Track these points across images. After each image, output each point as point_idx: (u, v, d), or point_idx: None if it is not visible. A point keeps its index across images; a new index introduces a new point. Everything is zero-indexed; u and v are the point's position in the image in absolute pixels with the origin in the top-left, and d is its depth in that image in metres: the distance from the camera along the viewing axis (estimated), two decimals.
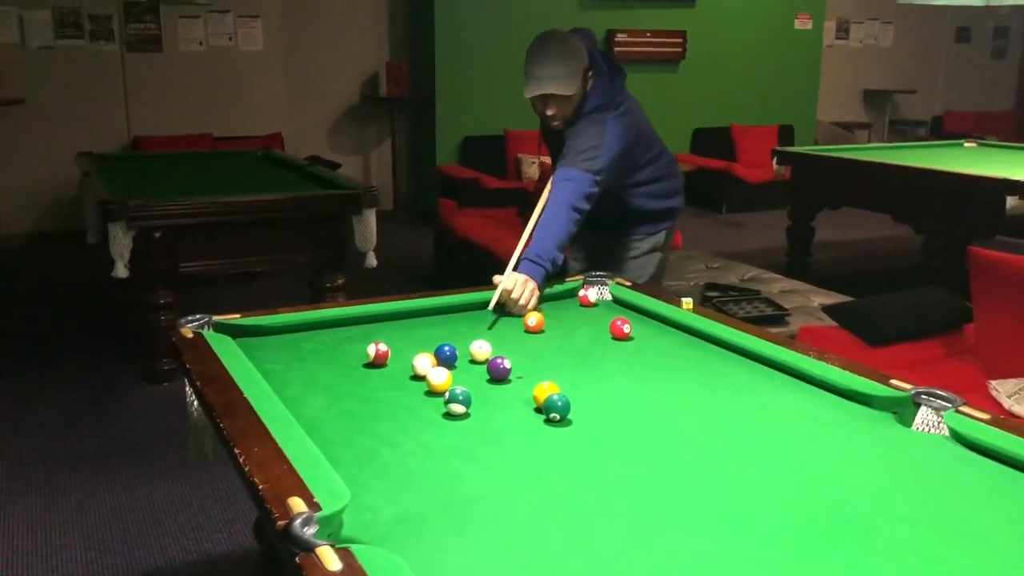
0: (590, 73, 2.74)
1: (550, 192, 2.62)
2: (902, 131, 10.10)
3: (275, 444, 1.36)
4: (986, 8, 7.23)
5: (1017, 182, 4.21)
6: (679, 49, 8.26)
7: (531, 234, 2.52)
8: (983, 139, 6.80)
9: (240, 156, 5.61)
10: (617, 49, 7.97)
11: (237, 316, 2.01)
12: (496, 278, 2.28)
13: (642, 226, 3.02)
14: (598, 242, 3.05)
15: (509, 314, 2.22)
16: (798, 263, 5.50)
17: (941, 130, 9.84)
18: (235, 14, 7.29)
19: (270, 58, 7.50)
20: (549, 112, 2.73)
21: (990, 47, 10.90)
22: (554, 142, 2.91)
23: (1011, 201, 4.21)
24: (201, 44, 7.27)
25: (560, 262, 2.45)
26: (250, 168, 5.12)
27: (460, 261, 5.64)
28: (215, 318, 1.97)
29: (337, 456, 1.40)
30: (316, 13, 7.55)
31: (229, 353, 1.78)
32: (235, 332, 1.96)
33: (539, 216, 2.56)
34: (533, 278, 2.29)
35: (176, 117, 7.18)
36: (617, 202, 2.91)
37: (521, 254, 2.41)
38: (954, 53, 10.63)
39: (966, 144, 6.16)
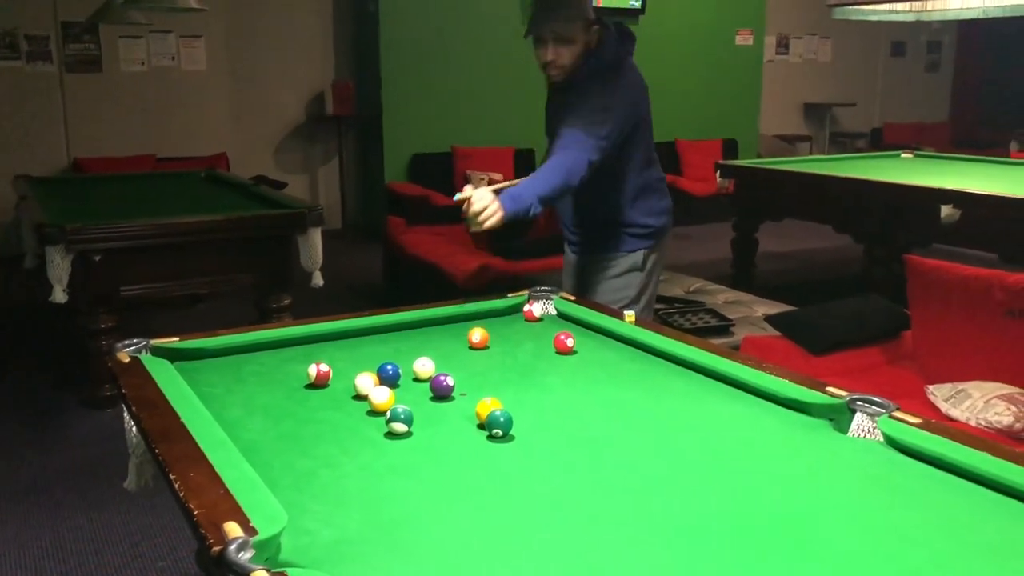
0: (595, 28, 2.68)
1: (552, 153, 2.60)
2: (842, 143, 10.32)
3: (211, 469, 1.34)
4: (918, 23, 7.43)
5: (950, 191, 4.33)
6: None
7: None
8: (920, 150, 6.98)
9: (183, 177, 5.54)
10: None
11: (175, 339, 1.98)
12: (468, 187, 2.34)
13: (621, 241, 2.90)
14: (579, 262, 3.01)
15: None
16: (743, 274, 5.58)
17: (880, 141, 10.08)
18: (178, 34, 7.21)
19: (214, 77, 7.43)
20: (549, 57, 2.66)
21: (924, 61, 11.22)
22: (554, 116, 2.80)
23: (945, 210, 4.32)
24: (143, 64, 7.18)
25: (534, 213, 2.43)
26: (193, 189, 5.06)
27: (410, 279, 5.63)
28: (153, 342, 1.94)
29: (276, 479, 1.38)
30: (260, 32, 7.51)
31: (167, 377, 1.76)
32: (173, 356, 1.93)
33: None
34: (504, 207, 2.31)
35: (118, 138, 7.06)
36: (602, 204, 2.85)
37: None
38: (890, 67, 10.92)
39: (903, 155, 6.32)
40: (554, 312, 2.39)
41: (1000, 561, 1.19)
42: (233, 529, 1.13)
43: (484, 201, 2.30)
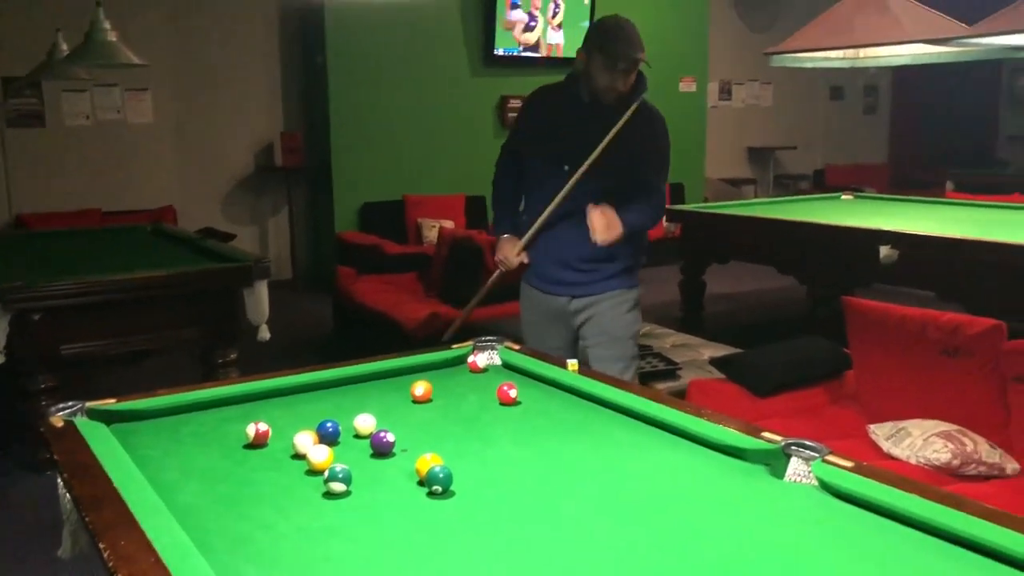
0: None
1: (640, 193, 2.93)
2: (786, 185, 10.56)
3: (143, 536, 1.31)
4: (854, 69, 7.67)
5: (888, 232, 4.45)
6: None
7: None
8: (860, 191, 7.17)
9: (130, 231, 5.48)
10: (511, 114, 8.14)
11: (112, 401, 1.95)
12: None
13: (632, 275, 3.05)
14: (578, 304, 3.02)
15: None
16: (691, 317, 5.65)
17: (823, 183, 10.33)
18: (123, 87, 7.18)
19: (161, 130, 7.40)
20: (619, 85, 2.86)
21: (862, 104, 11.56)
22: (584, 131, 2.90)
23: (884, 250, 4.44)
24: (88, 118, 7.13)
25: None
26: (139, 243, 5.01)
27: (360, 328, 5.60)
28: (88, 404, 1.90)
29: (210, 543, 1.36)
30: (207, 84, 7.50)
31: (101, 441, 1.73)
32: (110, 418, 1.89)
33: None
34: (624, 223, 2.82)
35: (62, 193, 6.98)
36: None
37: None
38: (830, 110, 11.23)
39: (843, 197, 6.48)
40: (499, 362, 2.40)
41: None
42: None
43: (605, 219, 2.78)
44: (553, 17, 8.19)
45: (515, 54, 8.08)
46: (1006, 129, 12.22)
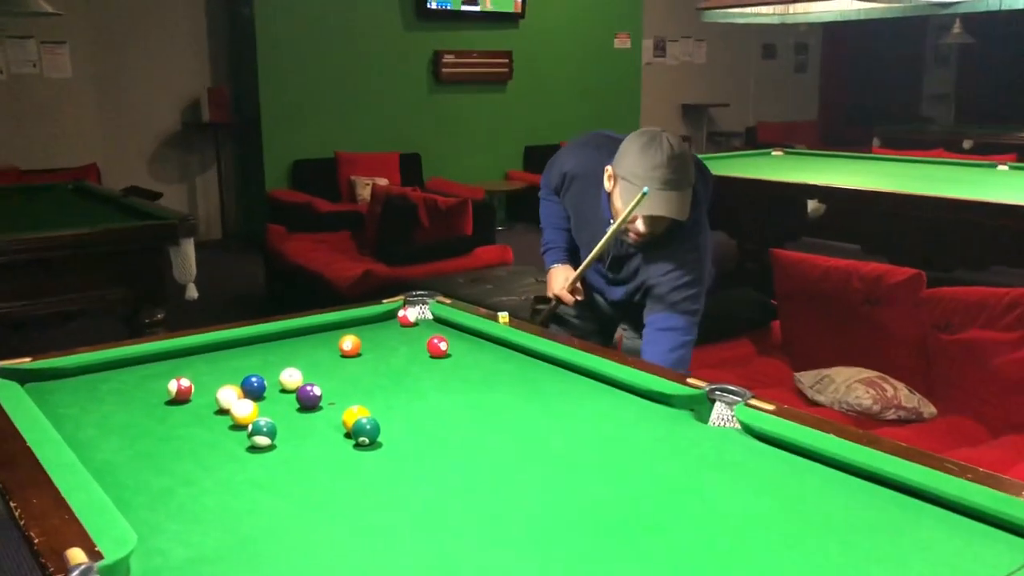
0: None
1: (646, 342, 2.31)
2: (719, 142, 10.66)
3: (57, 493, 1.28)
4: (785, 25, 7.74)
5: (815, 187, 4.53)
6: (506, 69, 8.42)
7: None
8: (790, 148, 7.27)
9: (50, 190, 5.28)
10: (445, 70, 8.04)
11: (27, 360, 1.89)
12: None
13: None
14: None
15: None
16: None
17: (755, 140, 10.45)
18: (38, 40, 6.88)
19: (81, 85, 7.13)
20: (644, 231, 2.21)
21: (793, 62, 11.69)
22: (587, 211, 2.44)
23: (811, 204, 4.53)
24: (1, 72, 6.82)
25: None
26: (60, 202, 4.83)
27: (292, 288, 5.52)
28: (1, 364, 1.84)
29: (129, 500, 1.33)
30: (130, 38, 7.23)
31: (14, 400, 1.67)
32: (25, 377, 1.83)
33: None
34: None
35: None
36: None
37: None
38: (762, 68, 11.34)
39: (774, 153, 6.56)
40: (430, 317, 2.39)
41: (843, 536, 1.25)
42: (76, 555, 1.08)
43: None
44: None
45: (449, 8, 7.96)
46: (930, 87, 12.52)
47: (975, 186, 4.40)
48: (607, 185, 2.27)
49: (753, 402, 1.61)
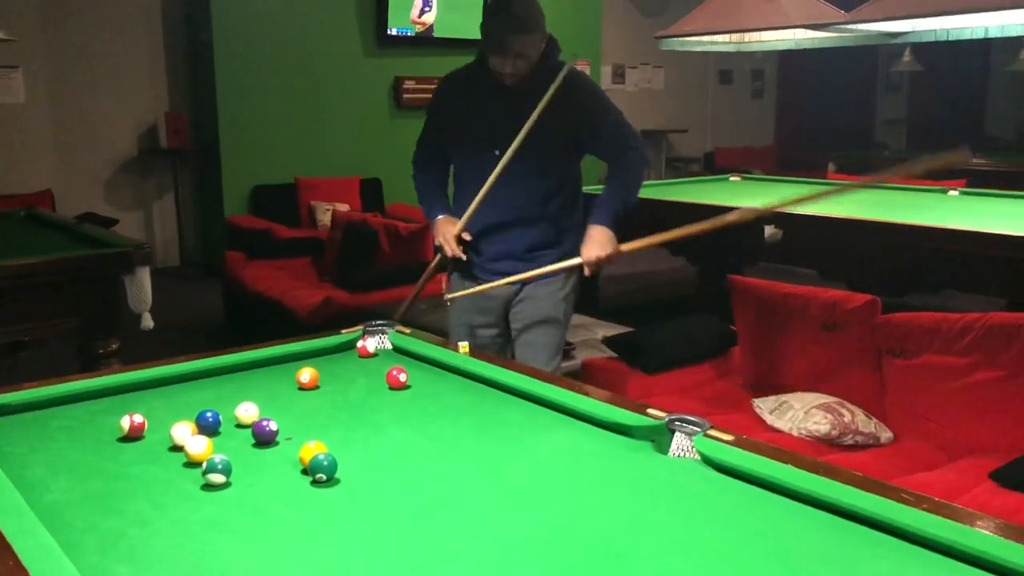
0: (545, 36, 2.74)
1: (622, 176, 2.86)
2: (678, 168, 10.78)
3: (2, 538, 1.24)
4: (741, 53, 7.88)
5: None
6: None
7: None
8: (748, 173, 7.37)
9: (0, 217, 5.18)
10: (406, 96, 8.06)
11: None
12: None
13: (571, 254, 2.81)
14: (520, 292, 2.87)
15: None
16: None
17: (713, 165, 10.59)
18: None
19: (34, 110, 7.03)
20: (509, 69, 2.65)
21: (750, 88, 11.90)
22: (505, 115, 2.72)
23: (769, 230, 4.58)
24: None
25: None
26: (10, 229, 4.74)
27: (252, 316, 5.46)
28: None
29: (77, 543, 1.29)
30: (85, 62, 7.15)
31: None
32: None
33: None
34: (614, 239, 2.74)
35: None
36: (566, 217, 2.87)
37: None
38: (719, 94, 11.52)
39: (731, 178, 6.65)
40: (390, 347, 2.37)
41: (801, 567, 1.25)
42: None
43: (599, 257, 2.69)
44: None
45: (409, 34, 7.98)
46: (882, 113, 12.79)
47: (928, 211, 4.49)
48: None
49: (712, 432, 1.61)
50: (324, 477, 1.51)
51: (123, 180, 7.52)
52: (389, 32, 7.82)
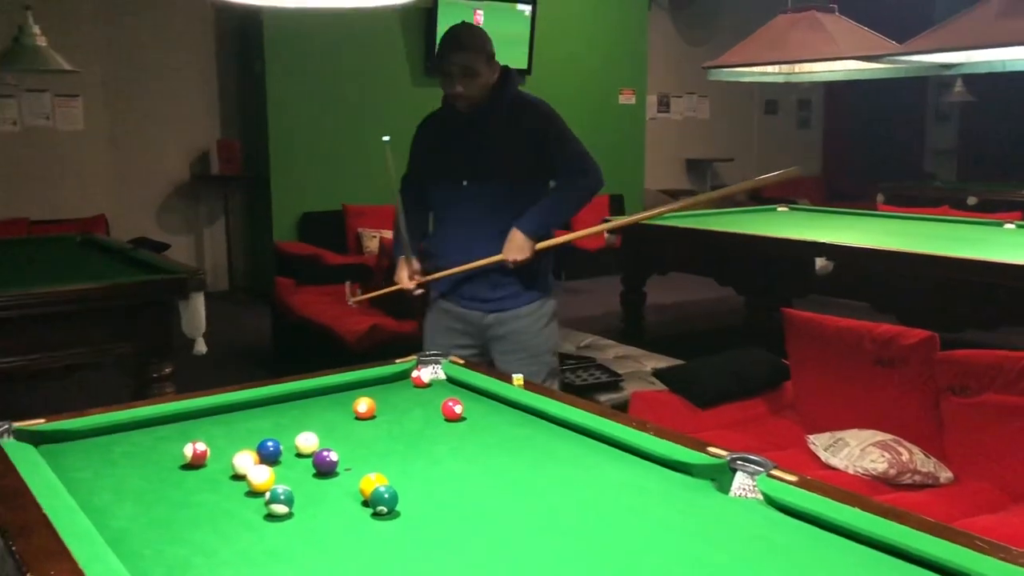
0: (495, 63, 2.90)
1: (561, 191, 2.97)
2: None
3: (75, 565, 1.26)
4: (788, 84, 7.84)
5: (823, 244, 4.53)
6: None
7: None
8: (795, 203, 7.31)
9: (58, 242, 5.30)
10: None
11: (41, 421, 1.88)
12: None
13: (547, 281, 3.05)
14: (496, 319, 3.00)
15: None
16: (632, 328, 5.69)
17: (759, 195, 10.50)
18: (53, 93, 6.98)
19: (92, 138, 7.21)
20: (458, 88, 2.82)
21: (796, 118, 11.82)
22: (471, 147, 2.94)
23: (819, 262, 4.53)
24: (15, 124, 6.92)
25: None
26: (68, 254, 4.85)
27: (300, 341, 5.51)
28: (15, 425, 1.83)
29: (146, 571, 1.31)
30: (141, 91, 7.34)
31: (29, 464, 1.66)
32: (38, 439, 1.82)
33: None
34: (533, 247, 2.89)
35: None
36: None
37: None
38: (764, 124, 11.46)
39: (779, 209, 6.60)
40: (443, 377, 2.37)
41: None
42: None
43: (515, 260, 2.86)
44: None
45: None
46: (932, 143, 12.63)
47: (983, 245, 4.41)
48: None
49: (776, 472, 1.59)
50: (385, 510, 1.51)
51: (175, 205, 7.67)
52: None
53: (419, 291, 3.07)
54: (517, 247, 2.87)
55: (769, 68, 5.92)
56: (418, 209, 3.13)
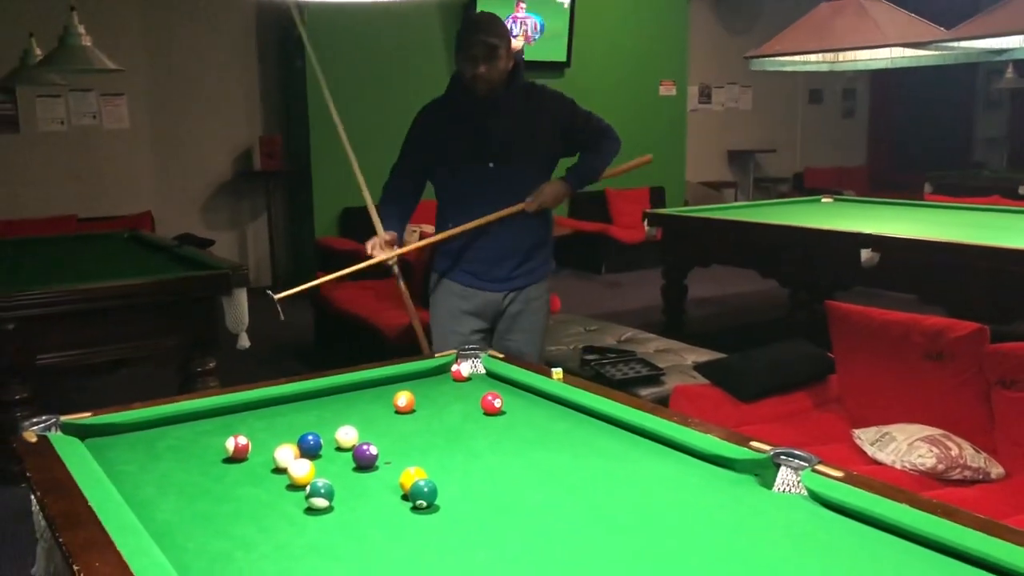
0: (512, 51, 2.99)
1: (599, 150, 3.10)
2: (766, 188, 10.59)
3: (120, 557, 1.27)
4: (832, 72, 7.71)
5: (869, 235, 4.45)
6: None
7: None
8: (840, 194, 7.20)
9: (105, 239, 5.40)
10: None
11: (87, 415, 1.91)
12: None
13: (549, 261, 3.21)
14: (509, 298, 3.09)
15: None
16: (673, 321, 5.64)
17: (802, 186, 10.37)
18: (98, 92, 7.09)
19: (137, 135, 7.32)
20: (481, 70, 2.87)
21: (840, 107, 11.62)
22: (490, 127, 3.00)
23: (865, 253, 4.44)
24: (63, 123, 7.04)
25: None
26: (115, 251, 4.93)
27: (341, 335, 5.55)
28: (63, 419, 1.86)
29: (189, 564, 1.32)
30: (184, 89, 7.42)
31: (76, 457, 1.68)
32: (85, 432, 1.85)
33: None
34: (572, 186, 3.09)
35: (37, 199, 6.88)
36: (544, 223, 3.15)
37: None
38: (808, 113, 11.29)
39: (823, 200, 6.50)
40: (483, 371, 2.37)
41: None
42: None
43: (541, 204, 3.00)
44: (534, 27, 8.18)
45: None
46: (982, 131, 12.34)
47: None
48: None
49: (821, 468, 1.56)
50: (425, 504, 1.51)
51: (219, 202, 7.76)
52: None
53: (390, 261, 3.17)
54: (553, 195, 3.01)
55: (812, 57, 5.81)
56: (405, 200, 3.21)
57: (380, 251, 3.11)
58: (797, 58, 5.77)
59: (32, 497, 1.68)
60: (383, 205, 3.24)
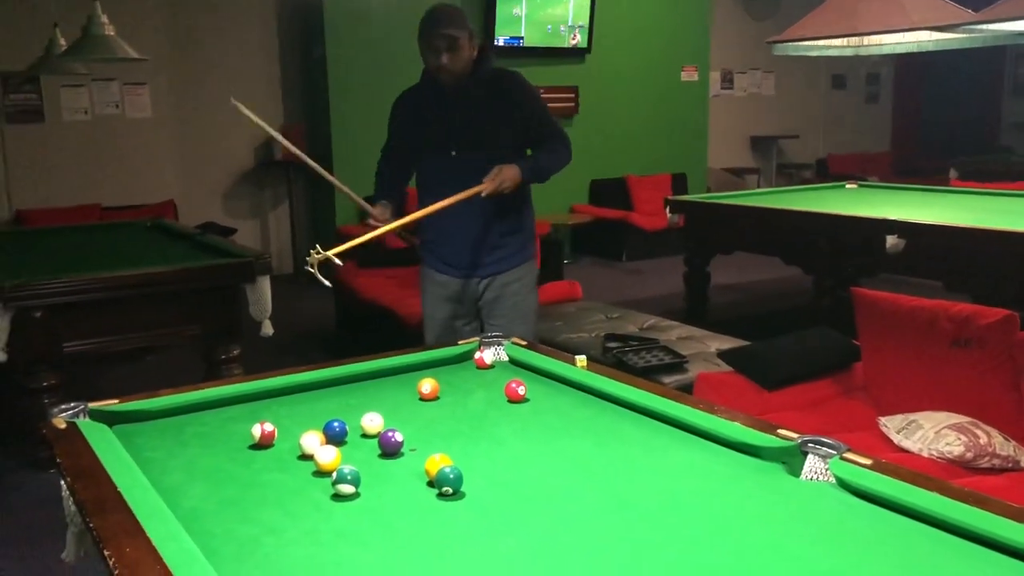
0: (476, 41, 3.03)
1: (548, 145, 3.11)
2: (789, 174, 10.51)
3: (149, 542, 1.28)
4: (857, 57, 7.62)
5: (894, 221, 4.41)
6: (572, 104, 8.45)
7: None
8: (864, 180, 7.13)
9: (129, 227, 5.44)
10: None
11: (115, 402, 1.92)
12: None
13: (530, 246, 3.22)
14: (483, 284, 3.15)
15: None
16: (696, 308, 5.61)
17: (826, 171, 10.28)
18: (121, 82, 7.14)
19: (160, 124, 7.36)
20: (443, 61, 2.93)
21: (864, 93, 11.50)
22: (454, 115, 3.04)
23: (890, 240, 4.40)
24: (86, 113, 7.09)
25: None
26: (139, 239, 4.97)
27: (363, 323, 5.57)
28: (91, 405, 1.87)
29: (217, 550, 1.33)
30: (206, 78, 7.45)
31: (104, 443, 1.70)
32: (112, 419, 1.87)
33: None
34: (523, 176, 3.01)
35: (61, 188, 6.95)
36: (519, 208, 3.16)
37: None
38: (832, 99, 11.18)
39: (847, 186, 6.43)
40: (506, 358, 2.37)
41: None
42: None
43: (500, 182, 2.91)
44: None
45: (517, 45, 8.03)
46: (1009, 116, 12.17)
47: None
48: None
49: (849, 455, 1.55)
50: (451, 490, 1.51)
51: (241, 191, 7.80)
52: (496, 42, 7.88)
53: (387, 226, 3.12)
54: (510, 177, 2.95)
55: (836, 41, 5.74)
56: (395, 178, 3.32)
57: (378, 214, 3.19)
58: (821, 43, 5.70)
59: (62, 483, 1.70)
60: (376, 186, 3.36)
